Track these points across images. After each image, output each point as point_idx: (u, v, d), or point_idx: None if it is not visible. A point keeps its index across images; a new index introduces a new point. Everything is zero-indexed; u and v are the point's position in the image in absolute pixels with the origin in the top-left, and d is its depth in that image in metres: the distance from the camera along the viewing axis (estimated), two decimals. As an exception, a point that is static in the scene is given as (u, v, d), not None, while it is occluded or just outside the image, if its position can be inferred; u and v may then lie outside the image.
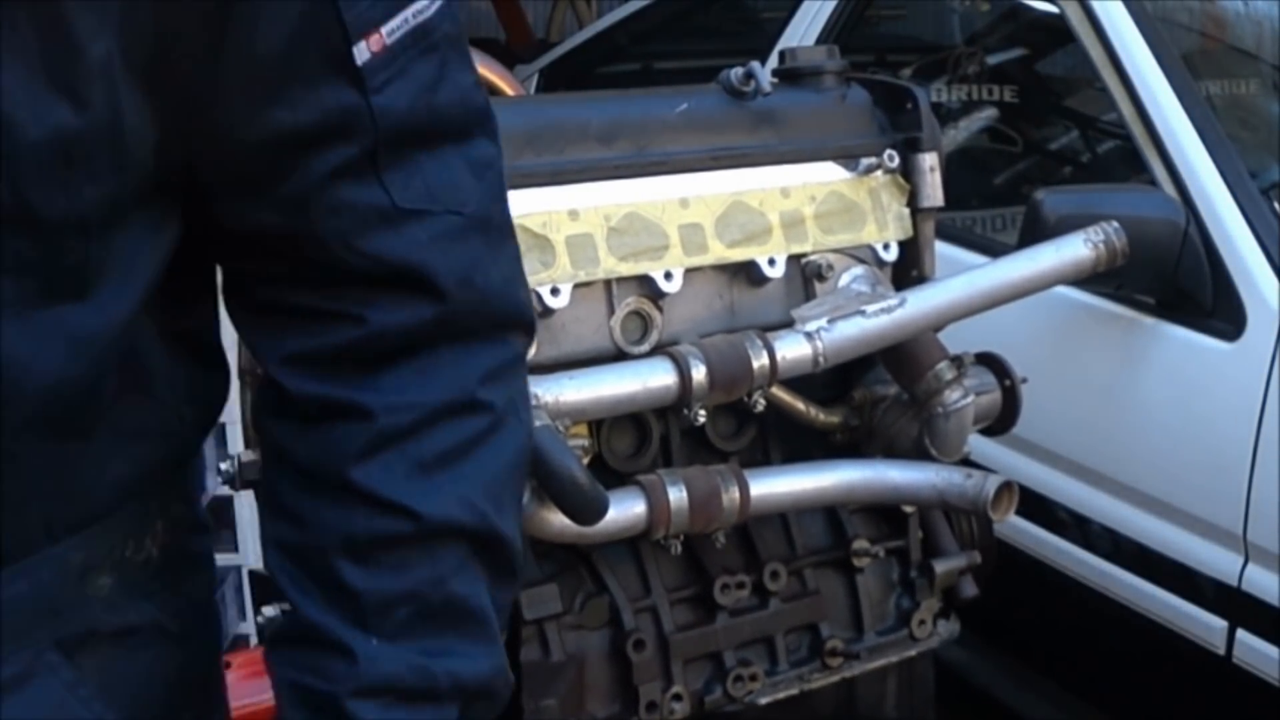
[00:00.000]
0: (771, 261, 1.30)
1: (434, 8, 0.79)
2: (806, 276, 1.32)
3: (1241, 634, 2.24)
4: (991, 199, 2.91)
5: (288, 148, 0.76)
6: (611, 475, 1.22)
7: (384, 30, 0.77)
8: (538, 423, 1.09)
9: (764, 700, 1.27)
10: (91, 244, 0.73)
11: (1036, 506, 2.52)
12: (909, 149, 1.37)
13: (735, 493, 1.21)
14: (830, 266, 1.32)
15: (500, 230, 0.85)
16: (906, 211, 1.37)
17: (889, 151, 1.36)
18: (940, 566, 1.34)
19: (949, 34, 3.41)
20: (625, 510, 1.17)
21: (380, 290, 0.80)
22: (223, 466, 1.38)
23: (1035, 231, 2.10)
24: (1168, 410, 2.37)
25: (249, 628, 2.61)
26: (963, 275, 1.32)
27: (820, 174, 1.34)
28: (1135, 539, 2.42)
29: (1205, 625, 2.30)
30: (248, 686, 1.30)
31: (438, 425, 0.81)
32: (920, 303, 1.29)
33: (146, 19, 0.71)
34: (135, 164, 0.74)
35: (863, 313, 1.26)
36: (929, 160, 1.37)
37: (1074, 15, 2.73)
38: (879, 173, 1.36)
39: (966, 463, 1.30)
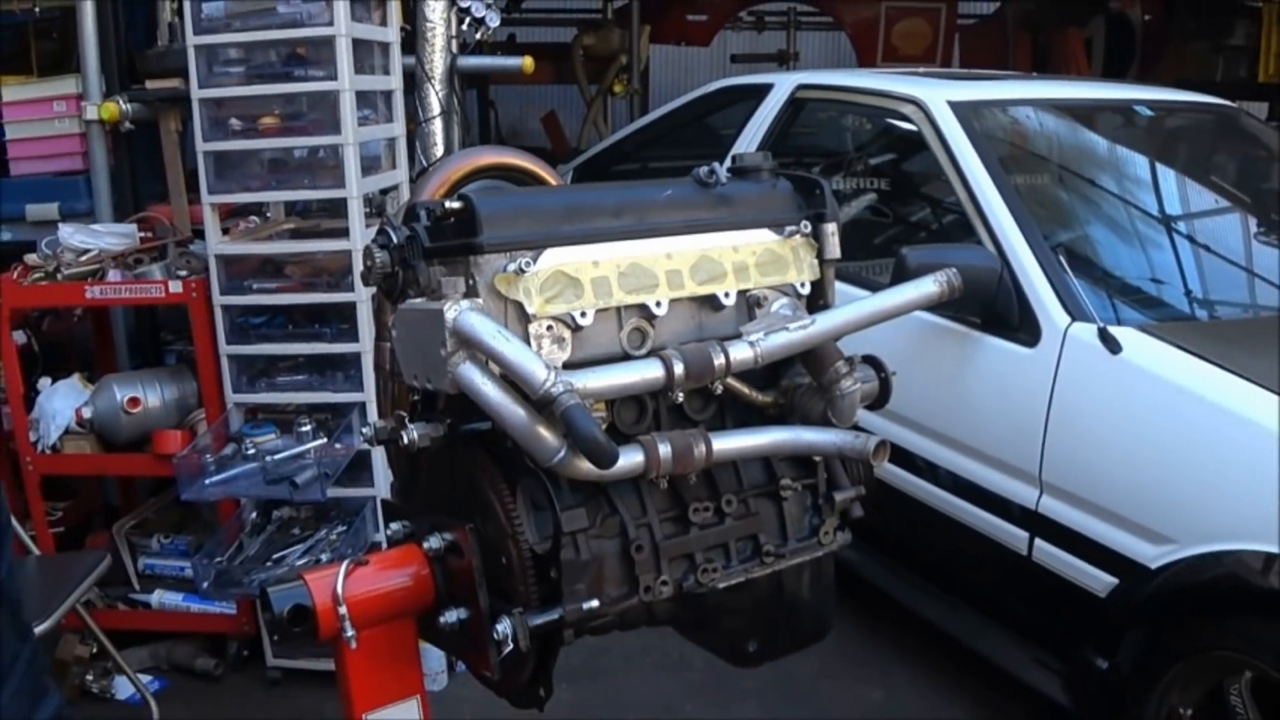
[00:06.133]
0: (727, 294, 1.30)
1: None
2: (750, 305, 1.32)
3: (1039, 541, 2.26)
4: (872, 253, 2.92)
5: None
6: (620, 436, 1.22)
7: None
8: (572, 401, 1.09)
9: (721, 585, 1.27)
10: None
11: (902, 456, 2.53)
12: (817, 220, 1.36)
13: (703, 448, 1.21)
14: (766, 298, 1.32)
15: None
16: (816, 262, 1.37)
17: (804, 222, 1.36)
18: (839, 496, 1.34)
19: (844, 144, 3.42)
20: (629, 459, 1.17)
21: None
22: (364, 431, 1.38)
23: (901, 275, 2.12)
24: (990, 393, 2.39)
25: (380, 537, 2.61)
26: (853, 304, 1.33)
27: (759, 237, 1.34)
28: (968, 478, 2.43)
29: (1014, 535, 2.31)
30: (381, 576, 1.29)
31: None
32: (826, 322, 1.29)
33: None
34: None
35: (787, 329, 1.26)
36: (831, 228, 1.36)
37: (927, 132, 2.75)
38: (798, 236, 1.35)
39: (856, 428, 1.30)
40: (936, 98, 2.77)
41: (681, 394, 1.24)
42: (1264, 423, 1.92)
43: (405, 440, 1.25)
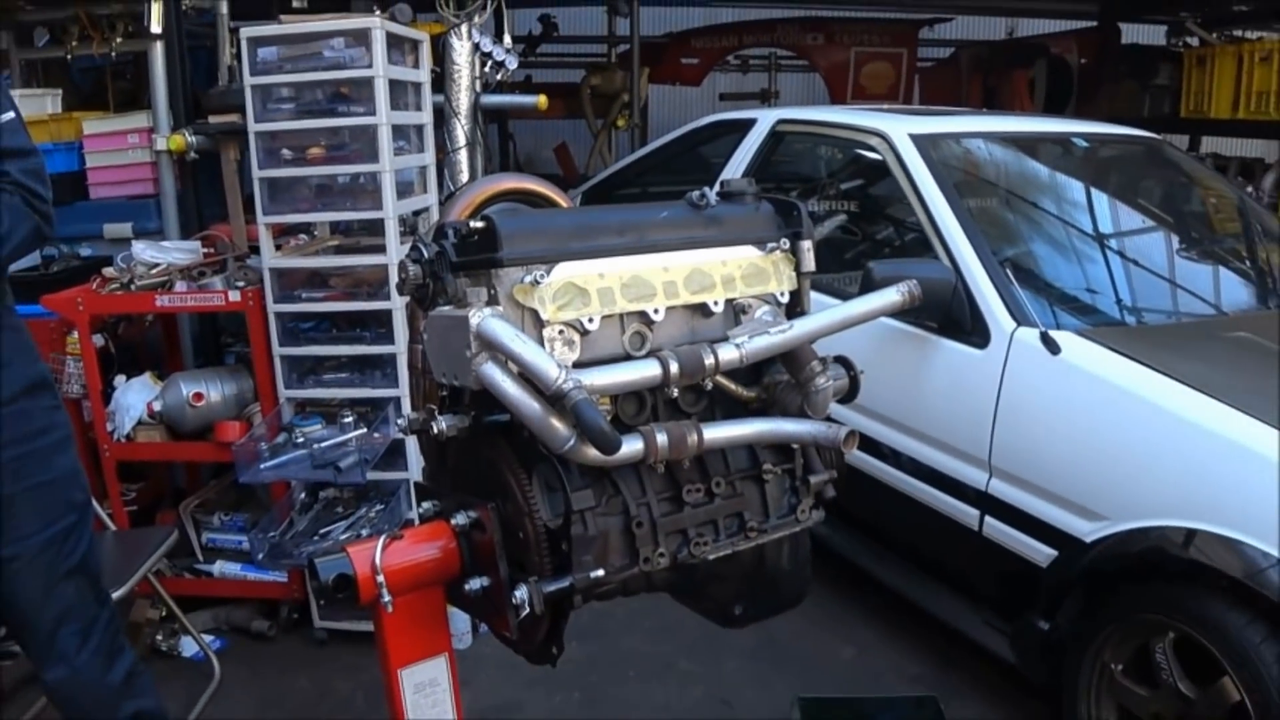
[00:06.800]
0: (716, 303, 1.30)
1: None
2: (736, 311, 1.32)
3: (988, 518, 2.26)
4: (843, 267, 2.92)
5: None
6: (623, 427, 1.22)
7: None
8: (580, 396, 1.09)
9: (711, 556, 1.27)
10: None
11: (870, 444, 2.53)
12: (795, 238, 1.36)
13: (695, 437, 1.21)
14: (750, 306, 1.32)
15: None
16: (794, 274, 1.36)
17: (783, 240, 1.35)
18: (814, 479, 1.34)
19: (818, 171, 3.42)
20: (631, 447, 1.17)
21: None
22: (399, 422, 1.38)
23: (868, 286, 2.11)
24: (946, 389, 2.38)
25: (413, 515, 2.61)
26: (826, 311, 1.32)
27: (744, 253, 1.34)
28: (927, 463, 2.43)
29: (967, 513, 2.31)
30: (414, 548, 1.29)
31: None
32: (802, 327, 1.29)
33: None
34: None
35: (768, 333, 1.26)
36: (807, 245, 1.36)
37: (891, 160, 2.75)
38: (778, 252, 1.35)
39: (829, 419, 1.30)
40: (899, 130, 2.77)
41: (676, 390, 1.24)
42: (1184, 415, 1.92)
43: (435, 430, 1.25)
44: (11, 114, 1.56)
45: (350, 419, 2.61)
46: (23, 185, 1.54)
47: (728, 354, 1.23)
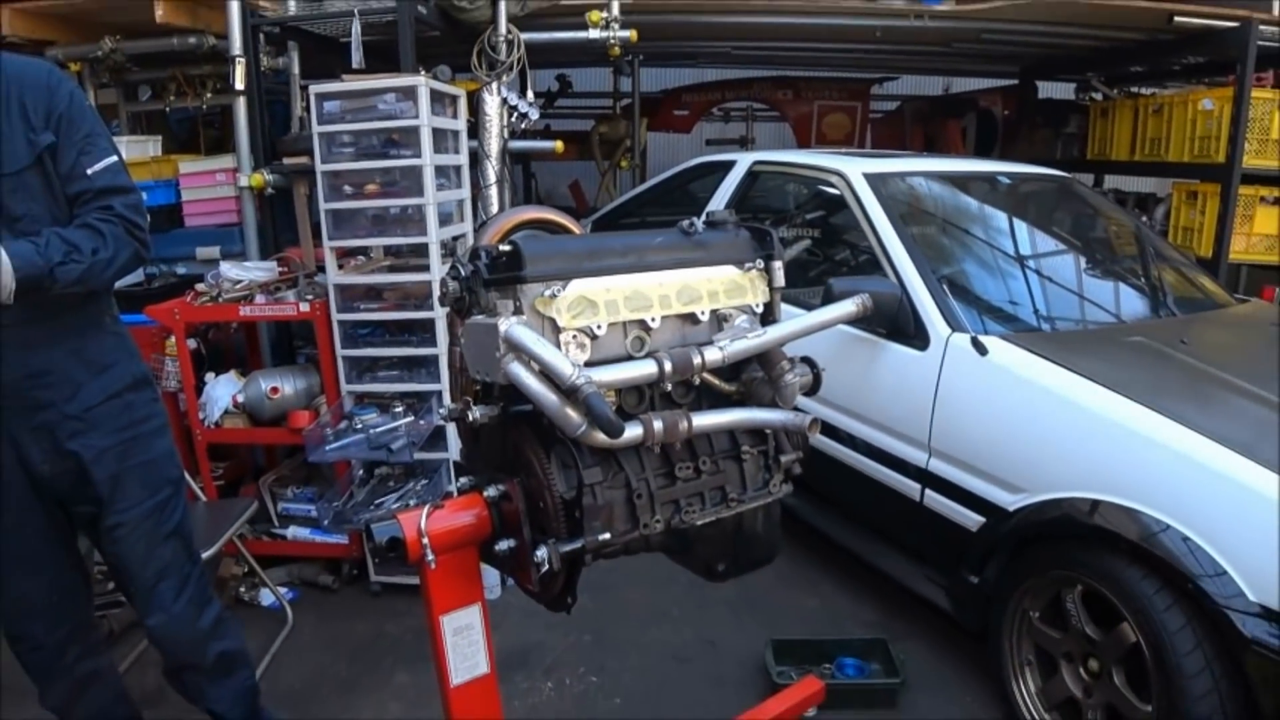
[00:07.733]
0: (702, 313, 1.30)
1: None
2: (719, 320, 1.32)
3: (928, 491, 2.25)
4: (808, 283, 2.92)
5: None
6: (625, 415, 1.22)
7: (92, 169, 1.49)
8: (590, 390, 1.09)
9: (699, 522, 1.27)
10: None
11: (830, 430, 2.53)
12: (768, 259, 1.36)
13: (685, 423, 1.21)
14: (731, 315, 1.32)
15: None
16: (767, 289, 1.36)
17: (759, 260, 1.36)
18: (784, 458, 1.34)
19: (788, 203, 3.41)
20: (632, 432, 1.17)
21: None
22: (441, 411, 1.38)
23: (828, 299, 2.11)
24: (893, 383, 2.38)
25: (452, 488, 2.61)
26: (794, 319, 1.32)
27: (726, 271, 1.34)
28: (877, 445, 2.43)
29: (910, 486, 2.31)
30: (453, 516, 1.29)
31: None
32: (774, 333, 1.29)
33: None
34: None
35: (746, 337, 1.27)
36: (778, 265, 1.36)
37: (848, 195, 2.74)
38: (754, 270, 1.35)
39: (796, 409, 1.30)
40: (854, 170, 2.77)
41: (670, 384, 1.24)
42: (1090, 406, 1.92)
43: (470, 418, 1.25)
44: (116, 158, 1.56)
45: (400, 409, 2.61)
46: (125, 218, 1.55)
47: (712, 355, 1.23)
